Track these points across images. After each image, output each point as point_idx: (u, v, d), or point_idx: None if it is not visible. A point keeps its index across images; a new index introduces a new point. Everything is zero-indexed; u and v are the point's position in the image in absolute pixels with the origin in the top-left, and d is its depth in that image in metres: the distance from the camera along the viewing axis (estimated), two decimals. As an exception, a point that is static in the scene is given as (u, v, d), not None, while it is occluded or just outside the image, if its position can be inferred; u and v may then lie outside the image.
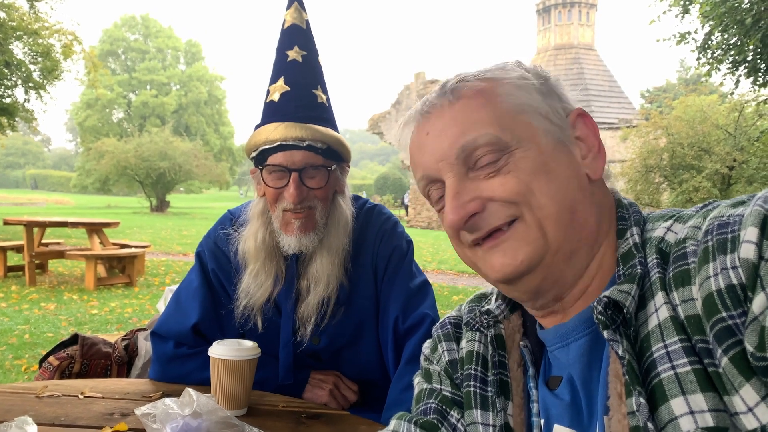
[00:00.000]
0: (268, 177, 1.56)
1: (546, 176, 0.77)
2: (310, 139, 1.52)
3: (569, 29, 33.81)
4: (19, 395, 1.44)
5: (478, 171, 0.79)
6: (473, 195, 0.78)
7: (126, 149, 32.17)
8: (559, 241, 0.76)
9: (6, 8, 15.02)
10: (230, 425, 1.14)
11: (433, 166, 0.82)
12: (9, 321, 6.14)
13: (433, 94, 0.85)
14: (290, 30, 1.62)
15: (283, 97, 1.56)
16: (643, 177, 16.33)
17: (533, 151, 0.78)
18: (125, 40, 60.92)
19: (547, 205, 0.76)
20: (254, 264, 1.60)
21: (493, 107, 0.79)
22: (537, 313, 0.85)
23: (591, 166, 0.81)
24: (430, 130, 0.83)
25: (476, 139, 0.78)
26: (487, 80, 0.82)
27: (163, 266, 10.95)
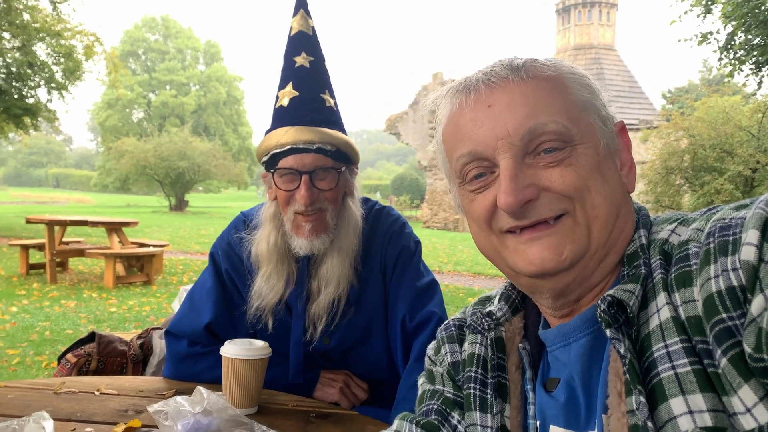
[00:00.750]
0: (279, 180, 1.58)
1: (601, 177, 0.77)
2: (319, 142, 1.55)
3: (589, 29, 33.49)
4: (38, 391, 1.47)
5: (536, 157, 0.76)
6: (530, 181, 0.75)
7: (146, 149, 32.51)
8: (599, 243, 0.77)
9: (30, 10, 15.29)
10: (240, 423, 1.16)
11: (490, 143, 0.77)
12: (30, 318, 6.25)
13: (498, 67, 0.80)
14: (297, 37, 1.65)
15: (292, 101, 1.59)
16: (663, 179, 16.12)
17: (592, 150, 0.77)
18: (146, 41, 61.55)
19: (601, 205, 0.76)
20: (267, 267, 1.63)
21: (564, 97, 0.78)
22: (553, 312, 0.85)
23: (627, 178, 0.82)
24: (494, 103, 0.77)
25: (546, 124, 0.75)
26: (557, 69, 0.80)
27: (181, 265, 11.06)
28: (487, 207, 0.79)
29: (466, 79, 0.82)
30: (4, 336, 5.51)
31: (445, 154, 0.86)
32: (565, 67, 0.81)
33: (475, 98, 0.79)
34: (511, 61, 0.80)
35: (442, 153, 0.87)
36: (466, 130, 0.79)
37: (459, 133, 0.81)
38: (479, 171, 0.80)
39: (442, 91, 0.85)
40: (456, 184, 0.85)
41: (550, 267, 0.76)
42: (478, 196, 0.81)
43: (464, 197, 0.84)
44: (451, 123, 0.82)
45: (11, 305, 6.80)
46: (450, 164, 0.84)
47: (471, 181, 0.81)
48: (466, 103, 0.80)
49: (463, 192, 0.84)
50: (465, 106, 0.80)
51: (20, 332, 5.67)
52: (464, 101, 0.80)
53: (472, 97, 0.79)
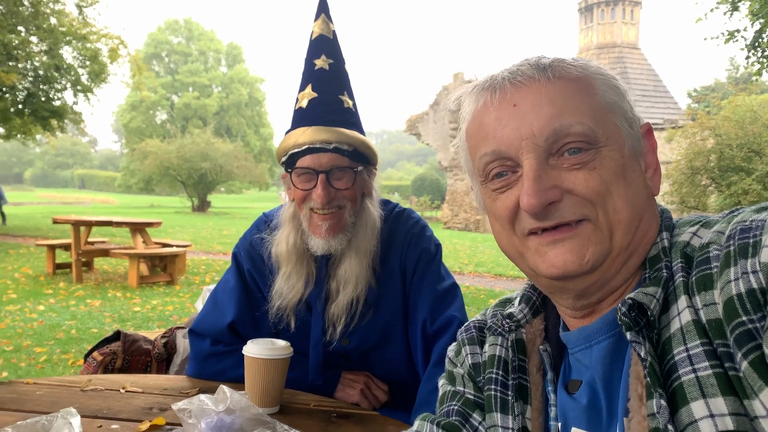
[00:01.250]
0: (296, 179, 1.60)
1: (624, 181, 0.76)
2: (336, 142, 1.56)
3: (612, 28, 33.14)
4: (66, 388, 1.50)
5: (560, 159, 0.76)
6: (554, 183, 0.75)
7: (169, 150, 32.91)
8: (621, 247, 0.76)
9: (57, 14, 15.59)
10: (262, 422, 1.17)
11: (514, 142, 0.76)
12: (57, 316, 6.36)
13: (524, 66, 0.79)
14: (318, 40, 1.67)
15: (311, 103, 1.61)
16: (689, 179, 15.88)
17: (617, 152, 0.76)
18: (169, 44, 62.35)
19: (623, 209, 0.75)
20: (286, 267, 1.64)
21: (590, 97, 0.77)
22: (573, 314, 0.84)
23: (652, 181, 0.81)
24: (520, 102, 0.77)
25: (572, 125, 0.74)
26: (585, 69, 0.79)
27: (203, 265, 11.18)
28: (510, 207, 0.79)
29: (491, 77, 0.81)
30: (31, 334, 5.62)
31: (468, 152, 0.86)
32: (592, 68, 0.80)
33: (501, 97, 0.78)
34: (538, 60, 0.79)
35: (465, 150, 0.87)
36: (490, 129, 0.79)
37: (483, 132, 0.80)
38: (502, 170, 0.79)
39: (467, 89, 0.84)
40: (478, 182, 0.85)
41: (572, 270, 0.75)
42: (501, 195, 0.80)
43: (486, 196, 0.83)
44: (475, 121, 0.82)
45: (38, 304, 6.93)
46: (473, 162, 0.84)
47: (493, 179, 0.81)
48: (491, 101, 0.79)
49: (486, 191, 0.83)
50: (490, 104, 0.79)
51: (47, 330, 5.78)
52: (489, 99, 0.79)
53: (497, 96, 0.78)
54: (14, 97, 15.93)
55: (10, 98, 15.79)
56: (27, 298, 7.22)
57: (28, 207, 35.35)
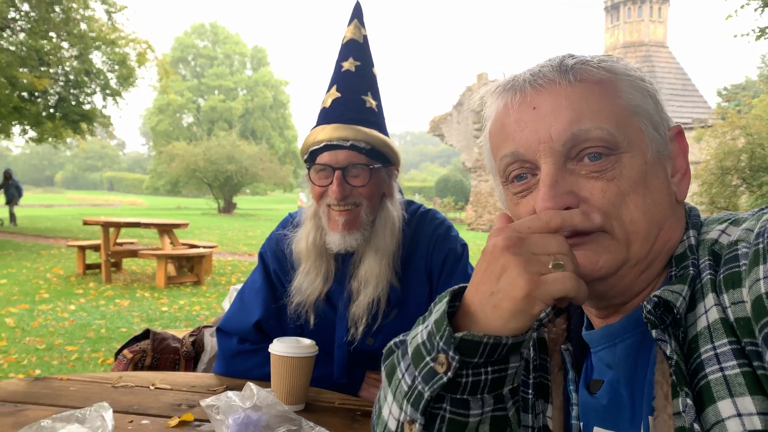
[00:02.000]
0: (314, 176, 1.63)
1: (644, 189, 0.75)
2: (353, 139, 1.58)
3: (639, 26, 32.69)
4: (98, 384, 1.54)
5: (579, 163, 0.75)
6: (570, 188, 0.74)
7: (195, 152, 33.34)
8: (640, 255, 0.75)
9: (87, 20, 15.91)
10: (288, 419, 1.19)
11: (532, 146, 0.76)
12: (87, 316, 6.50)
13: (546, 67, 0.78)
14: (348, 44, 1.70)
15: (334, 102, 1.65)
16: (719, 179, 15.57)
17: (639, 159, 0.75)
18: (195, 47, 63.16)
19: (640, 220, 0.74)
20: (306, 263, 1.68)
21: (613, 101, 0.75)
22: (597, 313, 0.84)
23: (678, 186, 0.80)
24: (540, 105, 0.76)
25: (591, 130, 0.73)
26: (610, 71, 0.77)
27: (229, 266, 11.31)
28: (530, 212, 0.79)
29: (514, 77, 0.81)
30: (63, 333, 5.75)
31: (490, 152, 0.86)
32: (619, 68, 0.79)
33: (521, 99, 0.78)
34: (561, 61, 0.78)
35: (488, 150, 0.87)
36: (510, 131, 0.79)
37: (503, 133, 0.80)
38: (521, 172, 0.79)
39: (490, 88, 0.84)
40: (500, 183, 0.85)
41: (584, 275, 0.74)
42: (522, 200, 0.80)
43: (509, 198, 0.84)
44: (497, 122, 0.82)
45: (69, 303, 7.09)
46: (495, 162, 0.84)
47: (513, 181, 0.81)
48: (512, 103, 0.79)
49: (508, 193, 0.83)
50: (510, 106, 0.79)
51: (78, 329, 5.90)
52: (510, 101, 0.79)
53: (517, 98, 0.78)
54: (46, 101, 16.31)
55: (42, 102, 16.16)
56: (59, 298, 7.39)
57: (59, 209, 36.13)
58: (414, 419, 0.73)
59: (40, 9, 14.72)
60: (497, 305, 0.67)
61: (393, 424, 0.78)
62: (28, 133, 18.12)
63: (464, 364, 0.69)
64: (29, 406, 1.37)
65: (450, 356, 0.68)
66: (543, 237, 0.69)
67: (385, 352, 0.85)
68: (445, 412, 0.73)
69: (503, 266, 0.67)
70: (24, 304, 6.93)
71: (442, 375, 0.69)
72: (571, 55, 0.80)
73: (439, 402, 0.73)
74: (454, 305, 0.74)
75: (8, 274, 9.14)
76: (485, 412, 0.74)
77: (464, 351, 0.68)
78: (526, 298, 0.65)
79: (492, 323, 0.67)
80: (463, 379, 0.71)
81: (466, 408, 0.73)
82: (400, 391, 0.76)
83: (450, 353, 0.68)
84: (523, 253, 0.67)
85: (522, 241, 0.68)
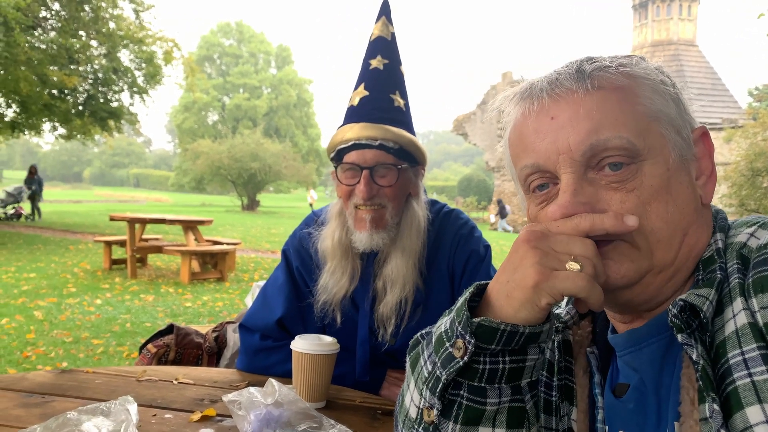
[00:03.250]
0: (342, 175, 1.63)
1: (666, 197, 0.73)
2: (381, 139, 1.58)
3: (668, 24, 32.17)
4: (122, 378, 1.56)
5: (599, 172, 0.74)
6: (587, 199, 0.73)
7: (220, 150, 33.72)
8: (664, 263, 0.74)
9: (115, 19, 16.17)
10: (309, 416, 1.19)
11: (551, 156, 0.75)
12: (113, 310, 6.61)
13: (563, 75, 0.77)
14: (376, 41, 1.69)
15: (362, 101, 1.64)
16: (749, 181, 15.26)
17: (661, 166, 0.73)
18: (220, 46, 63.84)
19: (662, 229, 0.73)
20: (331, 262, 1.67)
21: (632, 108, 0.73)
22: (621, 318, 0.83)
23: (704, 189, 0.78)
24: (558, 115, 0.75)
25: (609, 139, 0.72)
26: (629, 76, 0.75)
27: (252, 263, 11.40)
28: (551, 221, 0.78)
29: (531, 85, 0.80)
30: (89, 327, 5.85)
31: (510, 160, 0.86)
32: (638, 72, 0.76)
33: (539, 108, 0.77)
34: (579, 67, 0.76)
35: (508, 158, 0.87)
36: (528, 141, 0.78)
37: (522, 143, 0.79)
38: (542, 182, 0.78)
39: (509, 95, 0.83)
40: (521, 190, 0.85)
41: (606, 284, 0.73)
42: (543, 210, 0.80)
43: (531, 208, 0.83)
44: (515, 131, 0.81)
45: (96, 298, 7.21)
46: (515, 171, 0.84)
47: (535, 191, 0.80)
48: (530, 112, 0.78)
49: (530, 202, 0.83)
50: (528, 115, 0.78)
51: (104, 323, 6.00)
52: (528, 111, 0.78)
53: (535, 107, 0.77)
54: (75, 99, 16.61)
55: (71, 100, 16.47)
56: (85, 292, 7.52)
57: (87, 205, 36.80)
58: (432, 405, 0.76)
59: (71, 8, 15.00)
60: (510, 294, 0.70)
61: (414, 411, 0.80)
62: (57, 129, 18.49)
63: (481, 350, 0.72)
64: (56, 397, 1.39)
65: (467, 340, 0.71)
66: (569, 238, 0.70)
67: (411, 344, 0.87)
68: (462, 399, 0.75)
69: (522, 257, 0.70)
70: (52, 298, 7.07)
71: (458, 359, 0.72)
72: (589, 58, 0.78)
73: (457, 389, 0.75)
74: (476, 300, 0.77)
75: (37, 268, 9.33)
76: (503, 401, 0.75)
77: (481, 336, 0.71)
78: (533, 288, 0.68)
79: (505, 311, 0.71)
80: (480, 366, 0.73)
81: (483, 396, 0.75)
82: (422, 377, 0.78)
83: (467, 337, 0.71)
84: (541, 247, 0.70)
85: (545, 237, 0.71)
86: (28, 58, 13.39)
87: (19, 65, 13.30)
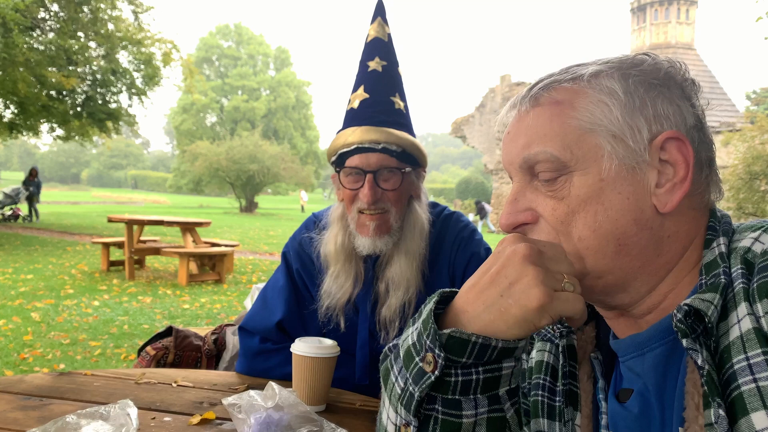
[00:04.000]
0: (345, 179, 1.62)
1: (596, 206, 0.74)
2: (384, 142, 1.57)
3: (666, 28, 32.24)
4: (121, 380, 1.55)
5: (539, 182, 0.79)
6: (529, 205, 0.79)
7: (218, 152, 33.69)
8: (600, 269, 0.75)
9: (114, 20, 16.16)
10: (310, 420, 1.19)
11: (506, 165, 0.84)
12: (111, 312, 6.59)
13: (522, 92, 0.84)
14: (372, 43, 1.68)
15: (362, 104, 1.63)
16: (746, 185, 15.28)
17: (592, 176, 0.74)
18: (219, 48, 63.82)
19: (588, 237, 0.75)
20: (335, 266, 1.66)
21: (562, 122, 0.76)
22: (608, 314, 0.84)
23: (663, 197, 0.75)
24: (510, 130, 0.83)
25: (537, 154, 0.77)
26: (569, 91, 0.78)
27: (250, 265, 11.38)
28: None
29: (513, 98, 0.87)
30: (87, 328, 5.83)
31: None
32: (588, 83, 0.77)
33: (505, 121, 0.86)
34: (534, 84, 0.82)
35: None
36: (502, 146, 0.87)
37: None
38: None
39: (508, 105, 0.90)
40: None
41: None
42: None
43: None
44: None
45: (93, 299, 7.19)
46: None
47: None
48: (504, 123, 0.86)
49: None
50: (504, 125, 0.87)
51: (101, 325, 5.99)
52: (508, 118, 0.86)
53: (505, 121, 0.86)
54: (73, 100, 16.58)
55: (69, 101, 16.44)
56: (83, 294, 7.50)
57: (85, 206, 36.72)
58: (408, 422, 0.75)
59: (69, 9, 14.99)
60: (506, 310, 0.69)
61: (391, 428, 0.79)
62: (55, 131, 18.45)
63: (452, 363, 0.70)
64: (54, 400, 1.38)
65: (436, 354, 0.70)
66: (558, 256, 0.73)
67: (381, 357, 0.86)
68: (437, 413, 0.74)
69: (520, 273, 0.69)
70: (49, 299, 7.05)
71: (429, 374, 0.70)
72: (550, 75, 0.82)
73: (432, 403, 0.74)
74: (441, 308, 0.77)
75: (35, 270, 9.31)
76: (480, 413, 0.74)
77: (451, 349, 0.70)
78: (538, 310, 0.67)
79: (494, 326, 0.69)
80: (452, 378, 0.72)
81: (458, 408, 0.73)
82: (395, 394, 0.77)
83: (436, 351, 0.70)
84: (541, 264, 0.70)
85: (541, 254, 0.71)
86: (26, 59, 13.37)
87: (17, 66, 13.29)
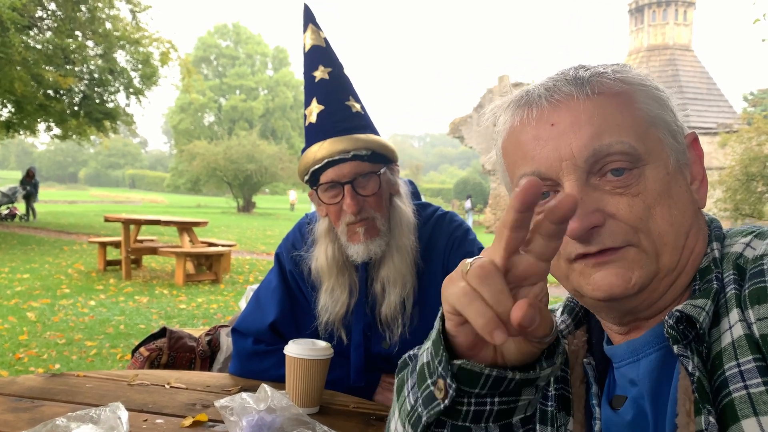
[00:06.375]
0: (324, 195, 1.60)
1: (669, 200, 0.73)
2: (353, 149, 1.56)
3: (664, 29, 32.25)
4: (114, 382, 1.55)
5: (602, 178, 0.73)
6: (596, 206, 0.72)
7: (216, 151, 33.67)
8: (669, 267, 0.73)
9: (112, 19, 16.13)
10: (302, 422, 1.18)
11: (554, 164, 0.73)
12: (107, 312, 6.57)
13: (561, 81, 0.76)
14: (312, 52, 1.67)
15: (320, 116, 1.61)
16: (743, 186, 15.32)
17: (661, 170, 0.73)
18: (217, 47, 63.78)
19: (668, 232, 0.72)
20: (328, 281, 1.65)
21: (632, 113, 0.73)
22: (618, 329, 0.82)
23: (698, 193, 0.78)
24: (558, 122, 0.74)
25: (612, 144, 0.71)
26: (625, 82, 0.75)
27: (247, 265, 11.37)
28: None
29: (527, 92, 0.78)
30: (83, 328, 5.82)
31: (505, 169, 0.83)
32: (633, 79, 0.76)
33: (538, 115, 0.75)
34: (576, 73, 0.76)
35: (502, 166, 0.85)
36: (528, 149, 0.76)
37: (521, 151, 0.77)
38: (543, 190, 0.75)
39: (503, 103, 0.82)
40: None
41: (618, 293, 0.72)
42: None
43: None
44: (511, 138, 0.79)
45: (90, 299, 7.17)
46: (512, 180, 0.82)
47: None
48: (528, 119, 0.76)
49: None
50: (527, 122, 0.76)
51: (97, 325, 5.97)
52: (526, 117, 0.76)
53: (534, 114, 0.76)
54: (71, 99, 16.56)
55: (66, 100, 16.42)
56: (79, 293, 7.48)
57: (82, 205, 36.65)
58: None
59: (67, 8, 14.96)
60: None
61: None
62: (52, 130, 18.44)
63: (464, 393, 0.65)
64: (46, 402, 1.37)
65: (447, 383, 0.64)
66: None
67: (400, 364, 0.84)
68: None
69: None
70: (45, 299, 7.03)
71: (439, 401, 0.66)
72: (583, 66, 0.77)
73: (440, 427, 0.70)
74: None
75: (31, 269, 9.28)
76: None
77: (463, 380, 0.64)
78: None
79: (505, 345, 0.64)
80: (464, 407, 0.67)
81: None
82: (404, 409, 0.75)
83: (447, 380, 0.64)
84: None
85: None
86: (23, 57, 13.35)
87: (14, 65, 13.27)
